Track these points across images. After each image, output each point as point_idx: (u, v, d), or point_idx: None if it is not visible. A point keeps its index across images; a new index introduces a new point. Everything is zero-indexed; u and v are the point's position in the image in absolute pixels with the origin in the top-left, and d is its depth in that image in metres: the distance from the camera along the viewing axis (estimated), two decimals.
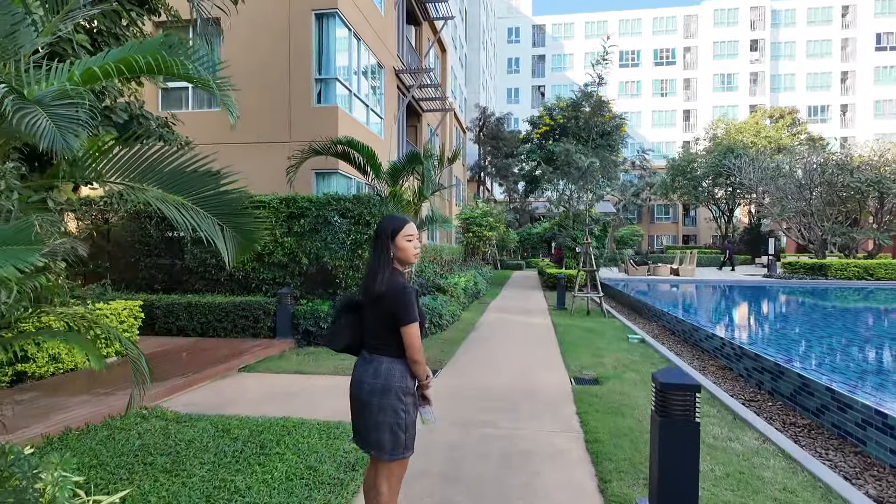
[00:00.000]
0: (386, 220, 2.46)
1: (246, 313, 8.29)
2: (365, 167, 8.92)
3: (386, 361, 2.36)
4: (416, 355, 2.32)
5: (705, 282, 19.65)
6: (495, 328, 10.17)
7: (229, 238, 3.40)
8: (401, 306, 2.28)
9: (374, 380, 2.34)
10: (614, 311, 12.60)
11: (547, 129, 18.60)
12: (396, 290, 2.29)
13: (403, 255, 2.40)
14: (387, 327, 2.33)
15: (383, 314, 2.32)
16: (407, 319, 2.28)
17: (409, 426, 2.36)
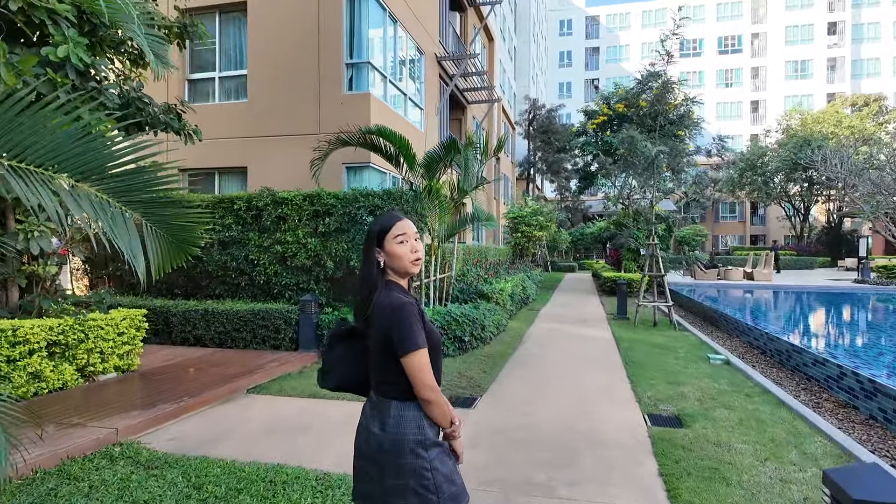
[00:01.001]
0: (374, 221, 1.89)
1: (265, 323, 7.42)
2: (398, 159, 7.88)
3: (394, 407, 1.78)
4: (426, 393, 1.73)
5: (786, 288, 17.48)
6: (546, 342, 8.89)
7: (151, 237, 2.37)
8: (395, 330, 1.71)
9: (381, 431, 1.77)
10: (685, 322, 11.02)
11: (604, 119, 17.04)
12: (386, 310, 1.73)
13: (398, 263, 1.81)
14: (387, 359, 1.76)
15: (380, 342, 1.75)
16: (405, 347, 1.70)
17: (441, 485, 1.73)
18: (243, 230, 7.95)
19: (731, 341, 9.13)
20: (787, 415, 5.10)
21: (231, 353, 7.26)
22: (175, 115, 6.51)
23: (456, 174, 8.68)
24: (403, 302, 1.74)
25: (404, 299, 1.76)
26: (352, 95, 9.24)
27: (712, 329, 10.45)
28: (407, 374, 1.71)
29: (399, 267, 1.81)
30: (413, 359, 1.69)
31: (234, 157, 9.82)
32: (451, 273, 9.22)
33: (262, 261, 7.81)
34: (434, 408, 1.75)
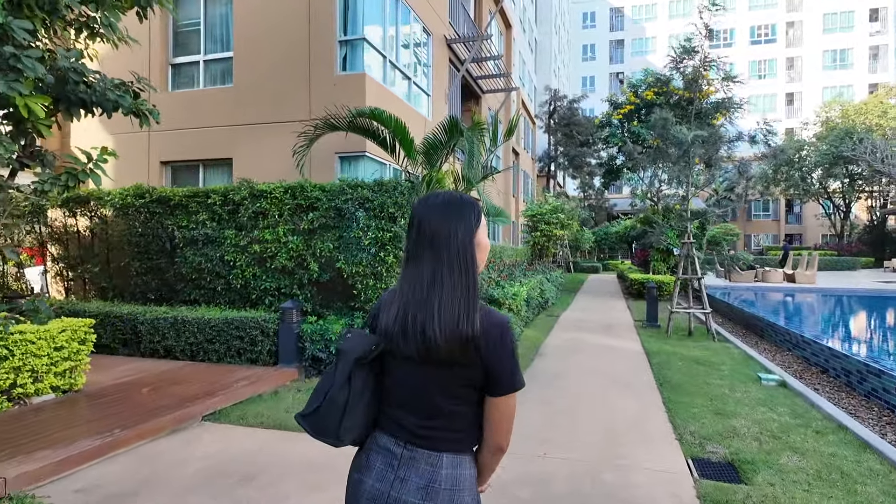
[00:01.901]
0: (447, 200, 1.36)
1: (240, 333, 6.48)
2: (394, 145, 6.87)
3: (448, 463, 1.32)
4: (507, 441, 1.37)
5: (833, 291, 15.93)
6: (565, 355, 7.77)
7: None
8: (506, 359, 1.30)
9: (425, 500, 1.28)
10: (724, 332, 9.75)
11: (631, 108, 15.79)
12: (494, 331, 1.30)
13: (482, 262, 1.38)
14: (459, 397, 1.33)
15: (463, 373, 1.29)
16: (515, 382, 1.31)
17: None
18: (219, 227, 7.03)
19: (781, 356, 7.87)
20: (878, 464, 3.92)
21: (202, 368, 6.35)
22: (127, 93, 5.57)
23: (462, 163, 7.65)
24: (507, 318, 1.36)
25: (501, 314, 1.37)
26: (345, 76, 8.26)
27: (757, 340, 9.17)
28: (495, 417, 1.34)
29: (481, 264, 1.38)
30: (514, 400, 1.35)
31: (219, 147, 8.95)
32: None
33: (239, 262, 6.89)
34: (498, 461, 1.42)
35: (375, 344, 1.35)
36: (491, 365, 1.29)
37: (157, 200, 7.33)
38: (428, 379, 1.32)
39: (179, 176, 9.39)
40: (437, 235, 1.29)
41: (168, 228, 7.26)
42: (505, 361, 1.30)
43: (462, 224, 1.31)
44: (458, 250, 1.29)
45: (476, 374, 1.30)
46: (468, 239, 1.30)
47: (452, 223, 1.30)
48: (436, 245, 1.29)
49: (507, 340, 1.31)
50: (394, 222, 6.36)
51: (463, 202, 1.36)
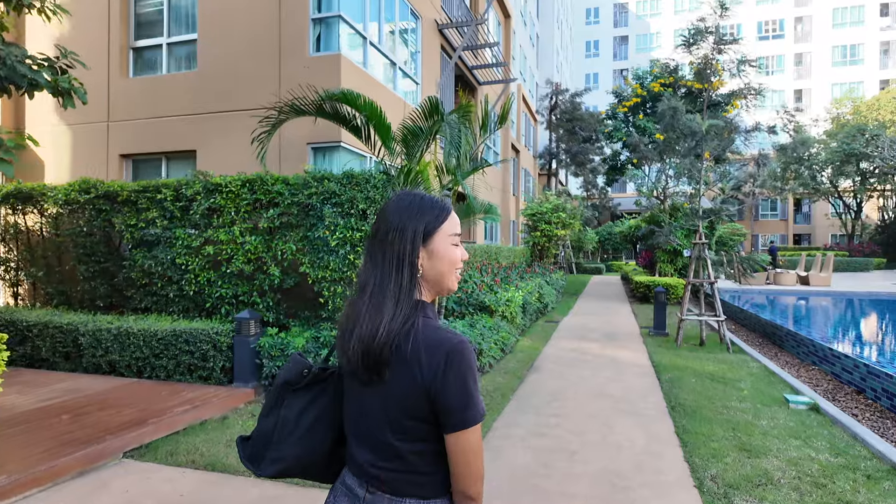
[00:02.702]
0: (404, 200, 1.20)
1: (189, 347, 5.67)
2: (368, 132, 6.03)
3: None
4: (477, 488, 1.13)
5: (853, 295, 15.00)
6: (564, 370, 6.93)
7: None
8: (454, 387, 1.08)
9: None
10: (739, 341, 8.89)
11: (637, 100, 14.93)
12: (437, 351, 1.09)
13: (442, 273, 1.19)
14: (408, 432, 1.12)
15: (409, 406, 1.10)
16: (468, 416, 1.09)
17: None
18: (170, 226, 6.21)
19: (806, 371, 7.00)
20: None
21: (145, 388, 5.54)
22: (47, 69, 4.76)
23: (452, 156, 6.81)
24: (461, 339, 1.12)
25: (457, 334, 1.12)
26: (319, 58, 7.43)
27: (776, 351, 8.30)
28: (452, 459, 1.10)
29: (440, 278, 1.19)
30: (473, 436, 1.09)
31: (183, 138, 8.14)
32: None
33: (191, 266, 6.07)
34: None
35: (308, 367, 1.27)
36: (434, 395, 1.08)
37: (103, 196, 6.52)
38: (372, 408, 1.14)
39: (141, 171, 8.59)
40: (385, 236, 1.16)
41: (115, 227, 6.45)
42: (451, 392, 1.08)
43: (412, 226, 1.15)
44: (397, 253, 1.13)
45: (419, 404, 1.09)
46: (414, 244, 1.14)
47: (404, 223, 1.15)
48: (383, 246, 1.15)
49: (454, 367, 1.08)
50: (365, 220, 5.53)
51: (425, 204, 1.20)
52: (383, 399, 1.12)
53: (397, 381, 1.09)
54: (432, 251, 1.16)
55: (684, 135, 8.08)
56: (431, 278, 1.18)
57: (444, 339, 1.10)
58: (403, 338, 1.09)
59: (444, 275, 1.18)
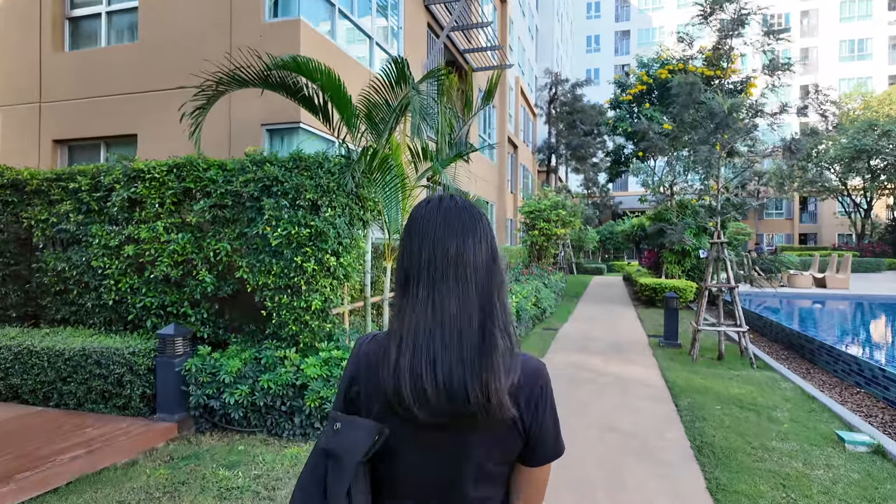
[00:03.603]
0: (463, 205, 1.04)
1: (102, 370, 4.59)
2: (326, 108, 4.96)
3: None
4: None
5: (873, 299, 13.93)
6: (562, 394, 5.86)
7: None
8: (550, 418, 1.02)
9: None
10: (763, 355, 7.82)
11: (642, 88, 13.86)
12: (540, 383, 1.02)
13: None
14: (492, 479, 1.02)
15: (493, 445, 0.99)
16: (561, 446, 1.05)
17: None
18: (86, 221, 5.14)
19: (850, 394, 5.93)
20: None
21: (47, 420, 4.48)
22: None
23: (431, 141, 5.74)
24: (540, 361, 1.05)
25: (535, 358, 1.06)
26: (276, 24, 6.34)
27: (808, 367, 7.23)
28: (531, 490, 1.05)
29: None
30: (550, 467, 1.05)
31: (123, 120, 7.06)
32: None
33: (110, 269, 4.99)
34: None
35: (379, 432, 0.96)
36: (533, 427, 0.99)
37: (10, 185, 5.45)
38: (455, 458, 0.97)
39: (77, 158, 7.50)
40: (458, 253, 0.97)
41: (24, 223, 5.38)
42: (549, 421, 1.00)
43: (487, 236, 1.01)
44: (489, 277, 0.98)
45: (515, 442, 0.99)
46: (494, 257, 1.00)
47: (475, 235, 0.99)
48: (457, 266, 0.96)
49: (548, 396, 1.01)
50: (316, 213, 4.46)
51: (477, 210, 1.05)
52: (466, 443, 0.96)
53: (490, 420, 0.93)
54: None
55: (701, 117, 7.05)
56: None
57: (535, 367, 1.02)
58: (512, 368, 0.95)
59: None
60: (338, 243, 4.52)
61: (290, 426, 4.40)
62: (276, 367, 4.48)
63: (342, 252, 4.57)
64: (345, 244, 4.59)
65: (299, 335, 4.59)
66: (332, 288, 4.60)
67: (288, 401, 4.36)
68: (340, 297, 4.75)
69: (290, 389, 4.36)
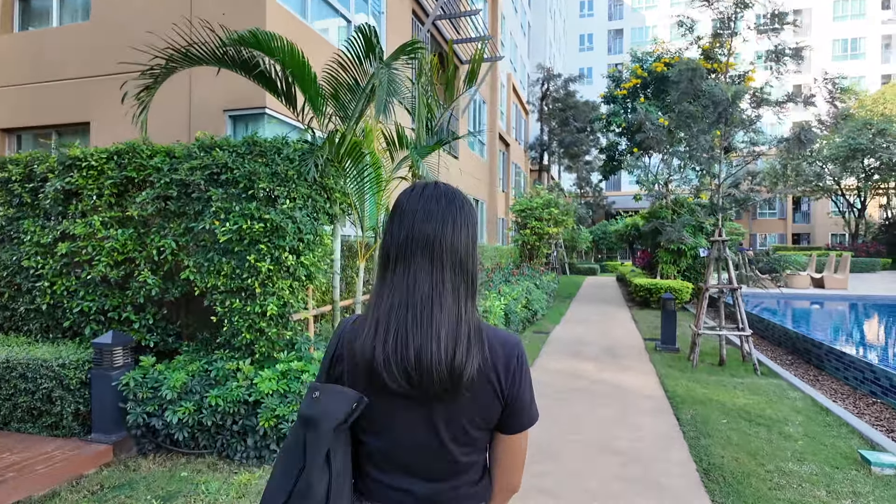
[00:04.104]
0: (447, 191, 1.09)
1: (28, 384, 4.03)
2: (290, 89, 4.41)
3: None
4: (519, 477, 1.15)
5: (874, 300, 13.54)
6: (553, 407, 5.35)
7: None
8: (526, 387, 1.08)
9: None
10: (766, 359, 7.36)
11: (637, 82, 13.39)
12: (515, 353, 1.07)
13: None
14: (476, 444, 1.07)
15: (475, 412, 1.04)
16: (535, 412, 1.11)
17: None
18: (17, 216, 4.57)
19: (865, 403, 5.46)
20: None
21: None
22: None
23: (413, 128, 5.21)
24: (515, 335, 1.13)
25: (509, 332, 1.13)
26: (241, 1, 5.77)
27: (816, 374, 6.76)
28: (510, 457, 1.10)
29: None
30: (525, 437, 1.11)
31: (74, 107, 6.48)
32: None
33: (44, 270, 4.42)
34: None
35: (357, 400, 1.01)
36: (511, 396, 1.04)
37: None
38: (430, 427, 1.02)
39: (27, 149, 6.90)
40: (435, 236, 1.02)
41: None
42: (525, 389, 1.06)
43: (467, 222, 1.05)
44: (460, 256, 1.03)
45: (496, 409, 1.04)
46: (473, 242, 1.05)
47: (455, 220, 1.04)
48: (433, 248, 1.01)
49: (524, 365, 1.07)
50: (272, 205, 3.92)
51: (460, 196, 1.09)
52: (448, 413, 1.01)
53: (470, 389, 1.00)
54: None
55: (702, 106, 6.59)
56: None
57: (509, 338, 1.08)
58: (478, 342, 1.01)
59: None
60: (298, 239, 3.99)
61: (243, 448, 3.86)
62: (228, 380, 3.93)
63: (303, 249, 4.04)
64: (307, 240, 4.05)
65: (255, 344, 4.05)
66: (293, 290, 4.06)
67: (240, 419, 3.82)
68: (303, 301, 4.21)
69: (242, 406, 3.82)
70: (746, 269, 11.47)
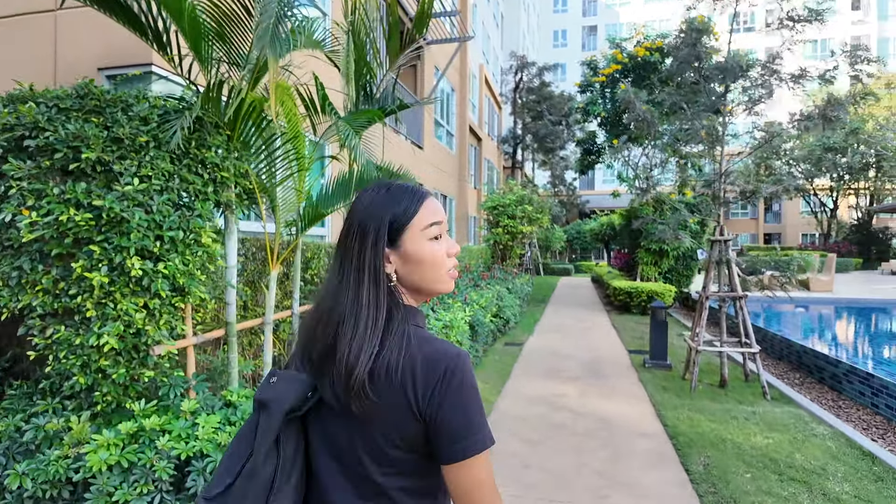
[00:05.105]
0: (371, 191, 1.02)
1: None
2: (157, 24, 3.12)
3: None
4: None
5: (864, 303, 12.84)
6: (528, 454, 4.18)
7: None
8: (455, 410, 0.90)
9: None
10: (772, 378, 6.36)
11: (617, 67, 12.43)
12: (440, 365, 0.92)
13: (427, 277, 1.00)
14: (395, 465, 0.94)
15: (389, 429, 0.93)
16: (472, 444, 0.89)
17: None
18: None
19: (885, 424, 4.46)
20: None
21: None
22: None
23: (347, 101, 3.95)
24: (460, 351, 0.95)
25: (454, 346, 0.96)
26: None
27: (833, 396, 5.77)
28: (455, 499, 0.91)
29: (423, 284, 1.00)
30: (478, 468, 0.89)
31: None
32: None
33: None
34: None
35: (312, 388, 0.99)
36: (431, 416, 0.88)
37: None
38: (352, 439, 0.94)
39: None
40: (345, 239, 0.99)
41: None
42: (451, 415, 0.88)
43: (374, 225, 0.96)
44: (359, 262, 0.95)
45: (412, 428, 0.90)
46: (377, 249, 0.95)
47: (365, 223, 0.96)
48: (346, 252, 0.98)
49: (453, 384, 0.89)
50: (108, 185, 2.63)
51: (391, 195, 0.99)
52: (364, 427, 0.93)
53: (384, 404, 0.90)
54: (404, 254, 0.97)
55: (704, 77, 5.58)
56: (411, 285, 1.00)
57: (441, 352, 0.92)
58: (394, 353, 0.91)
59: (426, 280, 0.99)
60: (155, 237, 2.71)
61: None
62: (50, 445, 2.65)
63: (164, 252, 2.76)
64: (170, 238, 2.77)
65: (96, 390, 2.75)
66: (151, 312, 2.78)
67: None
68: (169, 326, 2.93)
69: (65, 489, 2.54)
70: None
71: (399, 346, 0.91)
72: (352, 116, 3.62)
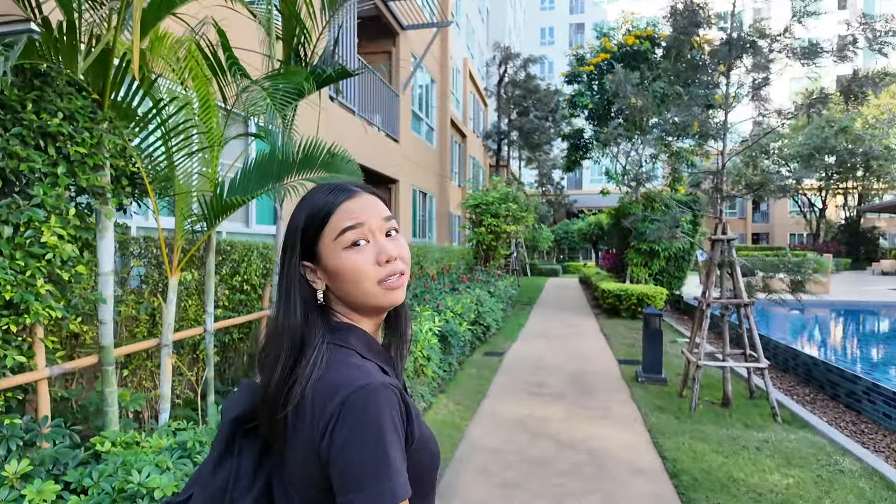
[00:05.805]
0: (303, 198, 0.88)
1: None
2: None
3: None
4: None
5: (864, 306, 12.28)
6: (501, 497, 3.41)
7: None
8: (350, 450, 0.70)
9: None
10: (778, 395, 5.67)
11: (605, 56, 11.77)
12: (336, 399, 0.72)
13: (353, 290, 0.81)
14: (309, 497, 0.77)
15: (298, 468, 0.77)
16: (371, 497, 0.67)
17: None
18: None
19: None
20: None
21: None
22: None
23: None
24: (369, 381, 0.74)
25: (376, 375, 0.77)
26: None
27: (852, 417, 5.08)
28: None
29: (360, 299, 0.82)
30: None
31: None
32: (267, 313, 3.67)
33: None
34: None
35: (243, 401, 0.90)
36: (326, 457, 0.71)
37: None
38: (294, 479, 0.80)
39: None
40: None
41: None
42: (345, 457, 0.70)
43: (290, 239, 0.84)
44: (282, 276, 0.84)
45: (315, 470, 0.74)
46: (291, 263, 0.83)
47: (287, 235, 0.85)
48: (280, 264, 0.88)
49: (347, 423, 0.71)
50: None
51: (306, 199, 0.85)
52: (280, 463, 0.82)
53: (294, 439, 0.77)
54: (324, 268, 0.81)
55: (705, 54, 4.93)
56: (347, 302, 0.83)
57: (340, 383, 0.74)
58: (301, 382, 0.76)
59: (354, 296, 0.81)
60: None
61: None
62: None
63: None
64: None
65: None
66: None
67: None
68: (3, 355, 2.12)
69: None
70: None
71: (305, 375, 0.75)
72: (272, 80, 2.82)
